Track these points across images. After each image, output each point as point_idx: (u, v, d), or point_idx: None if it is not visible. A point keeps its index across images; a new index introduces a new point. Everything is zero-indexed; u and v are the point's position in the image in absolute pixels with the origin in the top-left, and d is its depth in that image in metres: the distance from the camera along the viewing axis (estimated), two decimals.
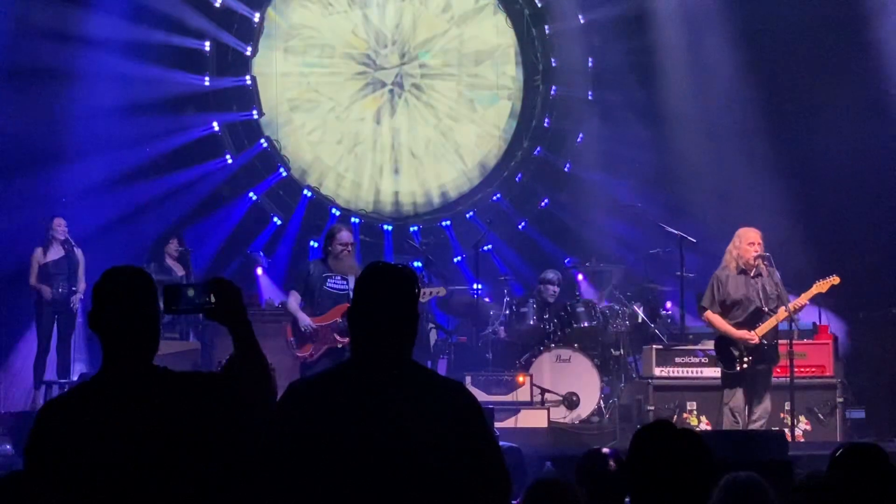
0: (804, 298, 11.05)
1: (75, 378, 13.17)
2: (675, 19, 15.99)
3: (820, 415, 12.63)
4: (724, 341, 11.04)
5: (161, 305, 4.35)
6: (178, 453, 4.11)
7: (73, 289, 13.47)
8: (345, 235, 11.47)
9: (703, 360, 12.67)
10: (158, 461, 4.08)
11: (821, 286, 11.03)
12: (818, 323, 13.10)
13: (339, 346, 11.12)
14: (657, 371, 13.11)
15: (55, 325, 13.54)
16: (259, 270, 15.15)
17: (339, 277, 11.29)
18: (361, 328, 4.23)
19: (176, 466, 4.10)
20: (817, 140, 14.77)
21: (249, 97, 16.80)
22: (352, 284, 11.36)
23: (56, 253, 13.50)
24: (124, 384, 4.18)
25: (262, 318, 12.09)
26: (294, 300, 11.48)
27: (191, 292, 4.38)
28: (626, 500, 4.18)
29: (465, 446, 4.10)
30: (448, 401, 4.18)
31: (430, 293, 12.56)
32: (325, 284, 11.32)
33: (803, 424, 12.17)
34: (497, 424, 11.09)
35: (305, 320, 11.26)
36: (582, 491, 5.37)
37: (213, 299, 4.32)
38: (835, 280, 11.05)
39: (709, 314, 11.05)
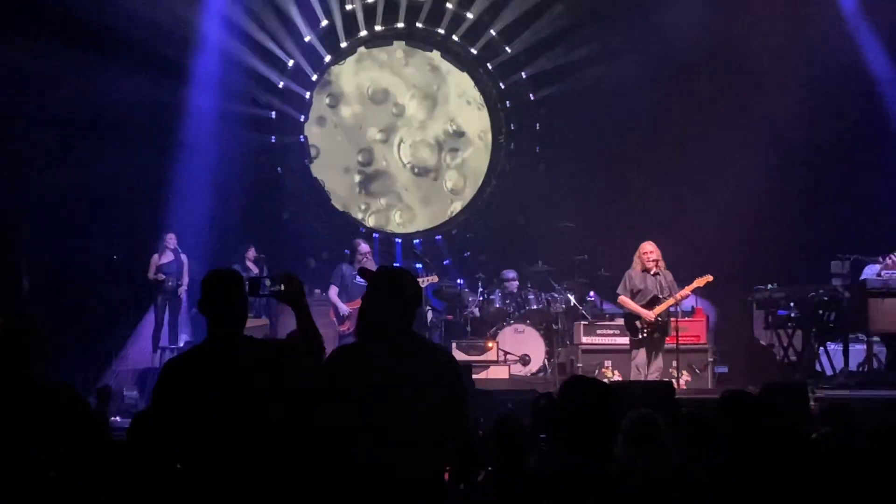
0: (687, 290, 11.13)
1: (181, 344, 13.20)
2: (597, 94, 16.00)
3: (696, 370, 12.66)
4: (630, 318, 11.13)
5: (247, 292, 4.43)
6: (261, 394, 4.18)
7: (180, 283, 13.58)
8: (363, 247, 12.15)
9: (616, 332, 12.71)
10: (248, 399, 4.15)
11: (699, 282, 11.10)
12: (695, 306, 13.16)
13: None
14: (584, 339, 13.18)
15: (167, 307, 13.61)
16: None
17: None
18: (376, 309, 4.30)
19: (260, 403, 4.17)
20: (701, 168, 14.82)
21: (302, 149, 16.83)
22: None
23: (168, 257, 13.58)
24: (224, 347, 4.26)
25: (312, 304, 12.11)
26: (333, 292, 11.84)
27: (268, 282, 4.49)
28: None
29: (447, 387, 4.20)
30: (438, 358, 4.30)
31: (427, 281, 12.69)
32: (354, 280, 11.65)
33: (685, 377, 12.20)
34: (474, 376, 11.10)
35: (343, 307, 11.76)
36: (531, 421, 5.41)
37: (283, 287, 4.41)
38: (709, 278, 11.11)
39: (622, 298, 11.16)
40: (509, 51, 17.04)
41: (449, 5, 16.90)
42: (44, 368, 4.58)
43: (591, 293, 14.48)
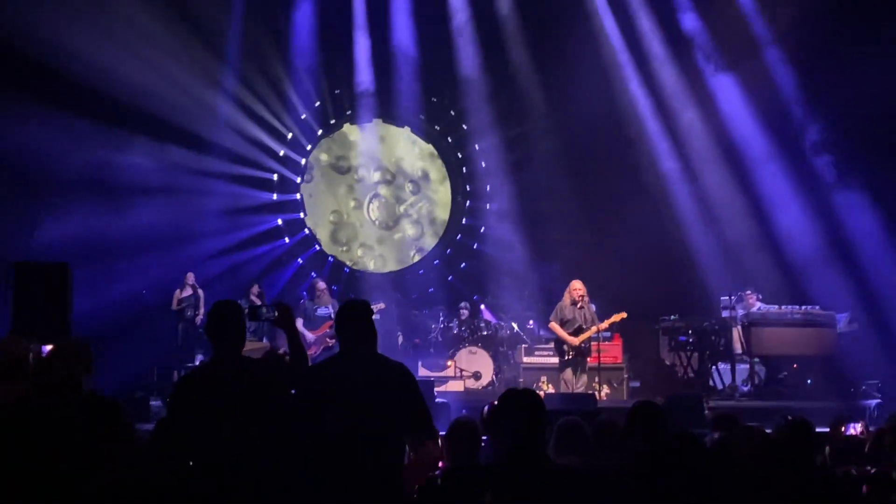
0: (606, 324, 11.17)
1: (196, 363, 13.03)
2: (531, 162, 16.17)
3: (614, 384, 12.68)
4: (559, 343, 11.12)
5: (247, 318, 4.44)
6: (255, 401, 4.15)
7: (197, 313, 13.40)
8: (321, 284, 12.46)
9: (550, 354, 12.67)
10: (245, 406, 4.11)
11: (615, 318, 11.15)
12: (612, 333, 13.18)
13: (330, 345, 11.36)
14: (525, 359, 13.19)
15: (186, 332, 13.45)
16: (302, 301, 15.11)
17: (322, 307, 11.61)
18: (345, 333, 4.35)
19: (254, 409, 4.14)
20: (613, 221, 14.88)
21: (298, 205, 16.77)
22: (330, 310, 11.74)
23: (187, 292, 13.45)
24: (225, 365, 4.21)
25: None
26: (299, 324, 11.71)
27: (264, 310, 4.50)
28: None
29: (407, 395, 4.22)
30: (397, 371, 4.31)
31: (376, 308, 12.70)
32: (315, 312, 11.75)
33: (605, 390, 12.21)
34: (436, 389, 11.05)
35: (308, 336, 11.67)
36: (481, 425, 5.36)
37: (276, 314, 4.40)
38: (623, 315, 11.16)
39: (553, 325, 11.14)
40: (465, 128, 17.13)
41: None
42: (90, 383, 4.49)
43: (531, 322, 14.48)
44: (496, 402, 4.35)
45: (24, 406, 3.75)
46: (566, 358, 11.01)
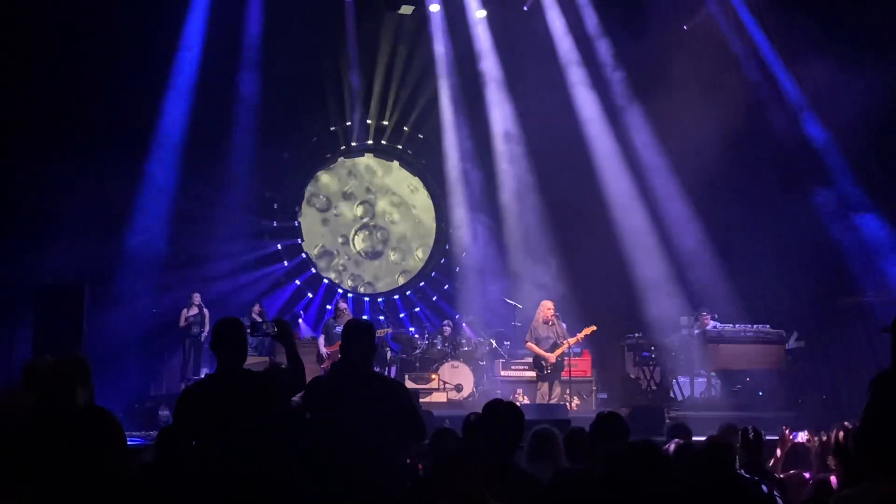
0: (579, 336, 11.20)
1: (202, 376, 12.92)
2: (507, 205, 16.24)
3: (584, 396, 12.69)
4: (536, 358, 11.13)
5: (248, 334, 4.43)
6: (255, 411, 4.12)
7: (202, 330, 13.30)
8: (342, 305, 12.05)
9: (525, 368, 12.71)
10: (244, 416, 4.09)
11: (586, 331, 11.20)
12: (583, 348, 13.21)
13: None
14: (503, 373, 13.16)
15: (192, 348, 13.36)
16: (300, 320, 15.08)
17: (340, 325, 11.51)
18: (347, 351, 4.34)
19: (256, 419, 4.11)
20: (581, 247, 14.89)
21: (297, 231, 16.76)
22: None
23: (194, 311, 13.35)
24: (228, 377, 4.20)
25: (299, 345, 11.99)
26: (321, 340, 11.75)
27: (265, 326, 4.50)
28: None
29: (402, 408, 4.18)
30: (392, 387, 4.29)
31: (383, 331, 12.74)
32: (334, 329, 11.68)
33: (576, 401, 12.22)
34: (421, 400, 11.02)
35: (323, 350, 11.69)
36: (463, 433, 5.35)
37: (276, 329, 4.40)
38: (593, 328, 11.21)
39: (529, 345, 11.16)
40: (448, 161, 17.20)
41: (405, 128, 17.11)
42: (88, 396, 4.42)
43: (507, 341, 14.45)
44: (482, 410, 4.35)
45: (26, 415, 3.73)
46: (543, 372, 11.03)
